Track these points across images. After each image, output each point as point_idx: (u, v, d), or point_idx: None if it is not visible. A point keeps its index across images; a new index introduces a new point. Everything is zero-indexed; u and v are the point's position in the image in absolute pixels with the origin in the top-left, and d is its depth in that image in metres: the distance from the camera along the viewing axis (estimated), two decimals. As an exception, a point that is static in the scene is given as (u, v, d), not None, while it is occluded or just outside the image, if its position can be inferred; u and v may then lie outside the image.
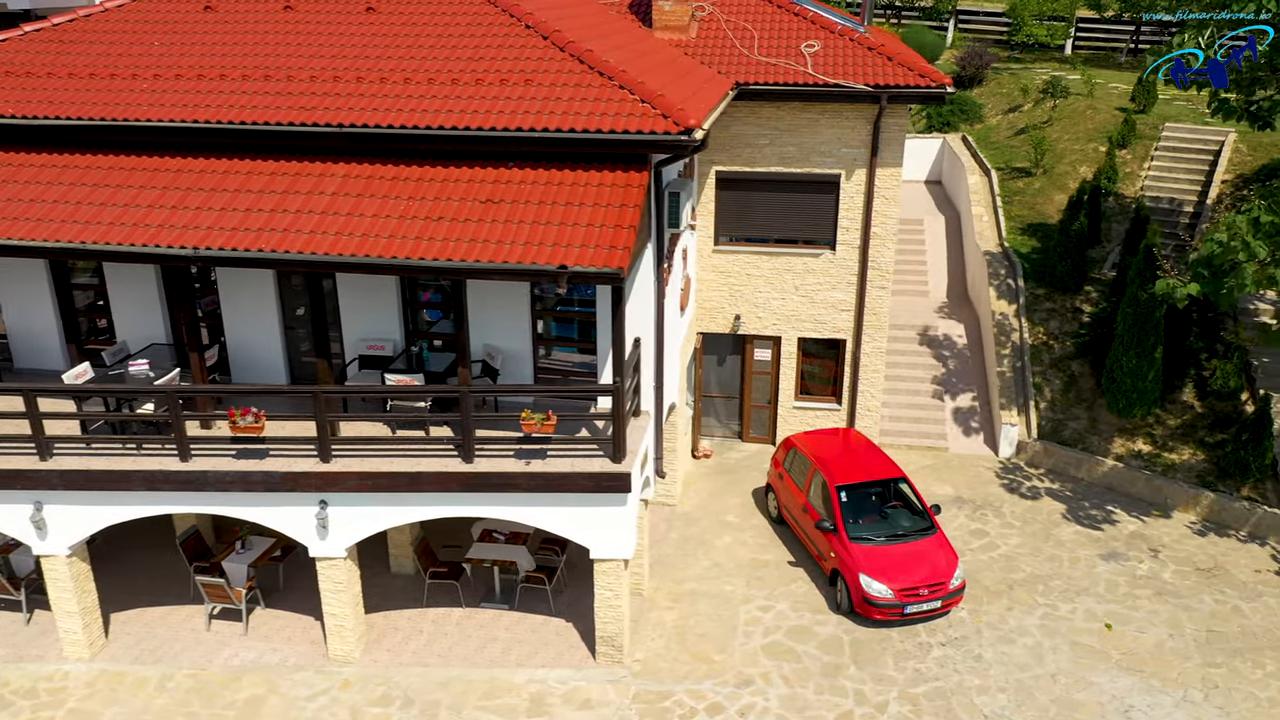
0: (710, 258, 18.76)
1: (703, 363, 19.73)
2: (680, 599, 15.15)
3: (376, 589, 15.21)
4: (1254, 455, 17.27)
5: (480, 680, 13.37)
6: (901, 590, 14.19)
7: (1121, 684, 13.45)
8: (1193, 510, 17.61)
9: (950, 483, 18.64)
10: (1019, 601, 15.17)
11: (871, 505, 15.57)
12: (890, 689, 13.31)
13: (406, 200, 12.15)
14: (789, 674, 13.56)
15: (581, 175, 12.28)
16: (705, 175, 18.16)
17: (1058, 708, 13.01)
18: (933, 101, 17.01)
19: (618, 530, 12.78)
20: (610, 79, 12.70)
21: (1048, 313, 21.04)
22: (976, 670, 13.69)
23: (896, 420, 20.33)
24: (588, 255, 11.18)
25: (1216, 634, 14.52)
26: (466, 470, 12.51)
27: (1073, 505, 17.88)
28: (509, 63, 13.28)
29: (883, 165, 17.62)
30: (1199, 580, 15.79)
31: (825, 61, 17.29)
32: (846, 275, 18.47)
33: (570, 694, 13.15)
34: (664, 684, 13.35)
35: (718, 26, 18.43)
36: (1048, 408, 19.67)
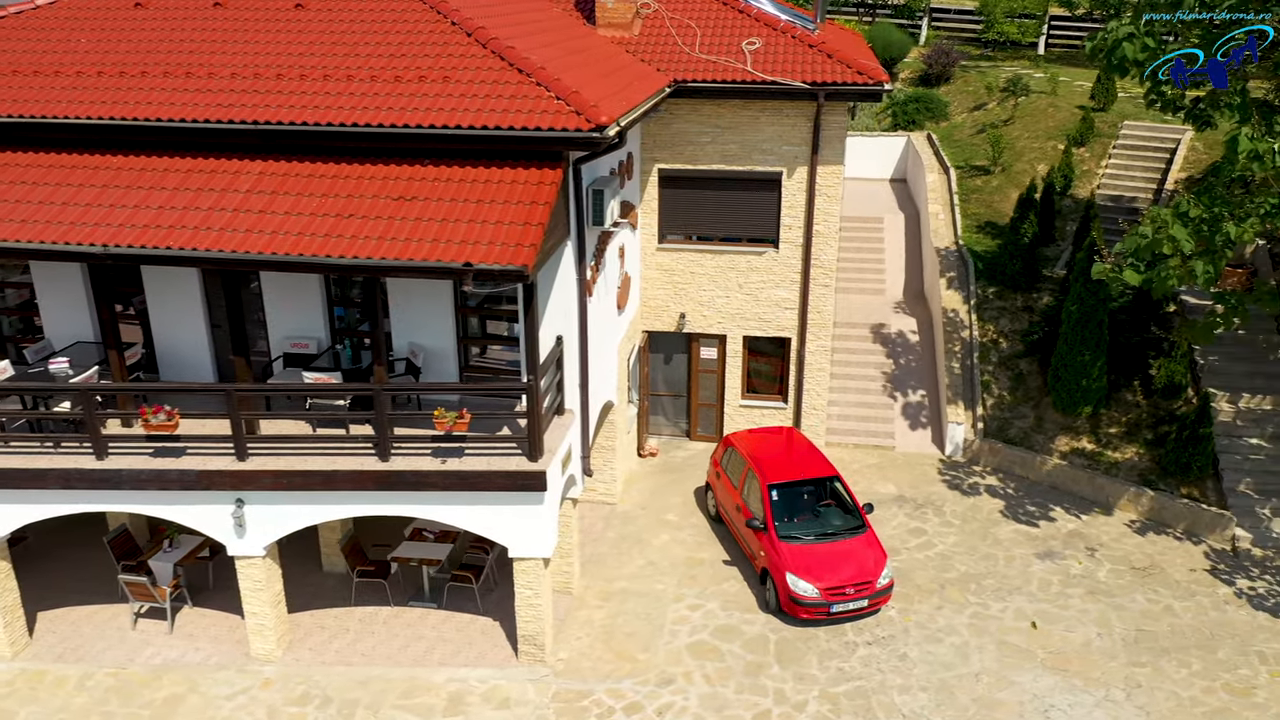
0: (654, 256, 18.72)
1: (649, 361, 19.69)
2: (610, 597, 15.12)
3: (308, 588, 15.20)
4: (1194, 454, 17.24)
5: (400, 679, 13.34)
6: (827, 589, 14.16)
7: (1044, 683, 13.42)
8: (1133, 509, 17.58)
9: (894, 481, 18.60)
10: (950, 600, 15.14)
11: (803, 504, 15.54)
12: (811, 688, 13.27)
13: (319, 198, 12.10)
14: (711, 673, 13.53)
15: (495, 173, 12.23)
16: (648, 173, 18.12)
17: (977, 707, 12.98)
18: (870, 99, 16.96)
19: (535, 529, 12.75)
20: (528, 76, 12.65)
21: (998, 311, 21.01)
22: (900, 669, 13.66)
23: (845, 419, 20.30)
24: (494, 253, 11.14)
25: (1145, 633, 14.48)
26: (382, 469, 12.48)
27: (1014, 504, 17.84)
28: (430, 60, 13.24)
29: (824, 163, 17.58)
30: (1133, 579, 15.76)
31: (766, 59, 17.24)
32: (790, 274, 18.44)
33: (489, 693, 13.12)
34: (585, 683, 13.32)
35: (662, 24, 18.37)
36: (995, 406, 19.63)
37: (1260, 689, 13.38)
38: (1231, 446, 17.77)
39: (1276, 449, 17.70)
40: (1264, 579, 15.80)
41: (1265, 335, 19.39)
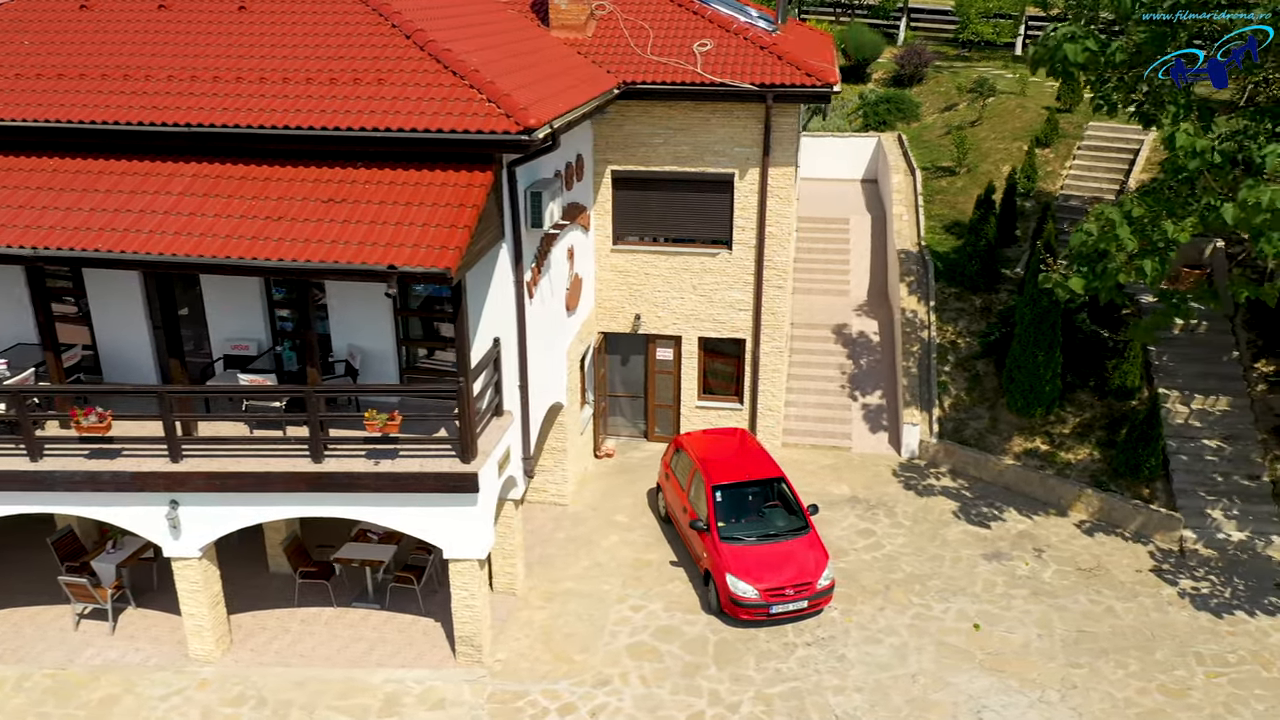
0: (609, 257, 18.75)
1: (606, 362, 19.72)
2: (554, 599, 15.14)
3: (253, 589, 15.23)
4: (1144, 455, 17.27)
5: (337, 680, 13.37)
6: (767, 590, 14.19)
7: (980, 684, 13.44)
8: (1084, 510, 17.60)
9: (848, 482, 18.63)
10: (893, 601, 15.17)
11: (748, 505, 15.56)
12: (747, 689, 13.30)
13: (250, 200, 12.14)
14: (648, 674, 13.55)
15: (426, 175, 12.26)
16: (601, 175, 18.15)
17: (911, 708, 13.01)
18: (819, 100, 16.98)
19: (469, 530, 12.79)
20: (461, 78, 12.67)
21: (957, 312, 21.03)
22: (837, 670, 13.69)
23: (803, 420, 20.32)
24: (418, 255, 11.17)
25: (1086, 634, 14.51)
26: (314, 470, 12.51)
27: (966, 505, 17.87)
28: (366, 62, 13.26)
29: (775, 164, 17.60)
30: (1078, 580, 15.78)
31: (717, 61, 17.26)
32: (744, 275, 18.47)
33: (425, 694, 13.15)
34: (521, 684, 13.35)
35: (616, 25, 18.39)
36: (952, 407, 19.66)
37: (1195, 690, 13.40)
38: (1183, 448, 17.80)
39: (1227, 450, 17.72)
40: (1208, 580, 15.82)
41: (1220, 336, 19.41)
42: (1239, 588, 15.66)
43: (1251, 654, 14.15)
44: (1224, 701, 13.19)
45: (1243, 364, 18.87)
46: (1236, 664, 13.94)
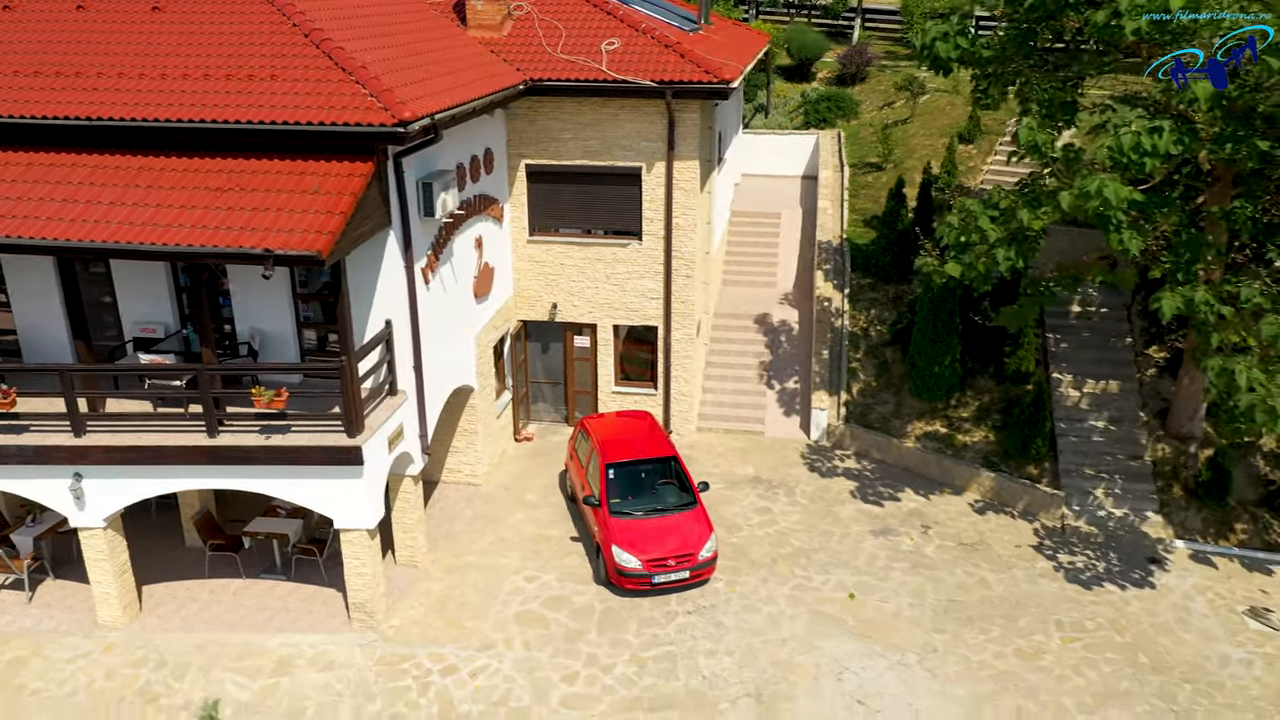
0: (525, 248, 19.50)
1: (526, 349, 20.48)
2: (454, 571, 15.89)
3: (168, 561, 16.00)
4: (1032, 436, 18.00)
5: (236, 643, 14.12)
6: (649, 561, 14.93)
7: (846, 649, 14.18)
8: (977, 490, 18.34)
9: (754, 464, 19.37)
10: (777, 574, 15.90)
11: (641, 483, 16.30)
12: (624, 653, 14.04)
13: (145, 189, 12.88)
14: (532, 639, 14.30)
15: (310, 165, 13.00)
16: (515, 169, 18.90)
17: (776, 669, 13.74)
18: (717, 96, 17.69)
19: (357, 501, 13.53)
20: (349, 74, 13.42)
21: (870, 302, 21.78)
22: (713, 636, 14.42)
23: (720, 405, 21.07)
24: (293, 240, 11.92)
25: (956, 603, 15.24)
26: (209, 444, 13.26)
27: (864, 485, 18.61)
28: (264, 59, 13.99)
29: (680, 158, 18.34)
30: (958, 554, 16.52)
31: (624, 59, 17.99)
32: (654, 264, 19.21)
33: (317, 656, 13.89)
34: (410, 647, 14.09)
35: (533, 25, 19.13)
36: (860, 392, 20.40)
37: (1049, 654, 14.13)
38: (1072, 429, 18.53)
39: (1114, 432, 18.45)
40: (1083, 554, 16.55)
41: (1116, 324, 20.14)
42: (1112, 561, 16.39)
43: (1109, 621, 14.88)
44: (1073, 665, 13.92)
45: (1135, 350, 19.60)
46: (1093, 630, 14.67)
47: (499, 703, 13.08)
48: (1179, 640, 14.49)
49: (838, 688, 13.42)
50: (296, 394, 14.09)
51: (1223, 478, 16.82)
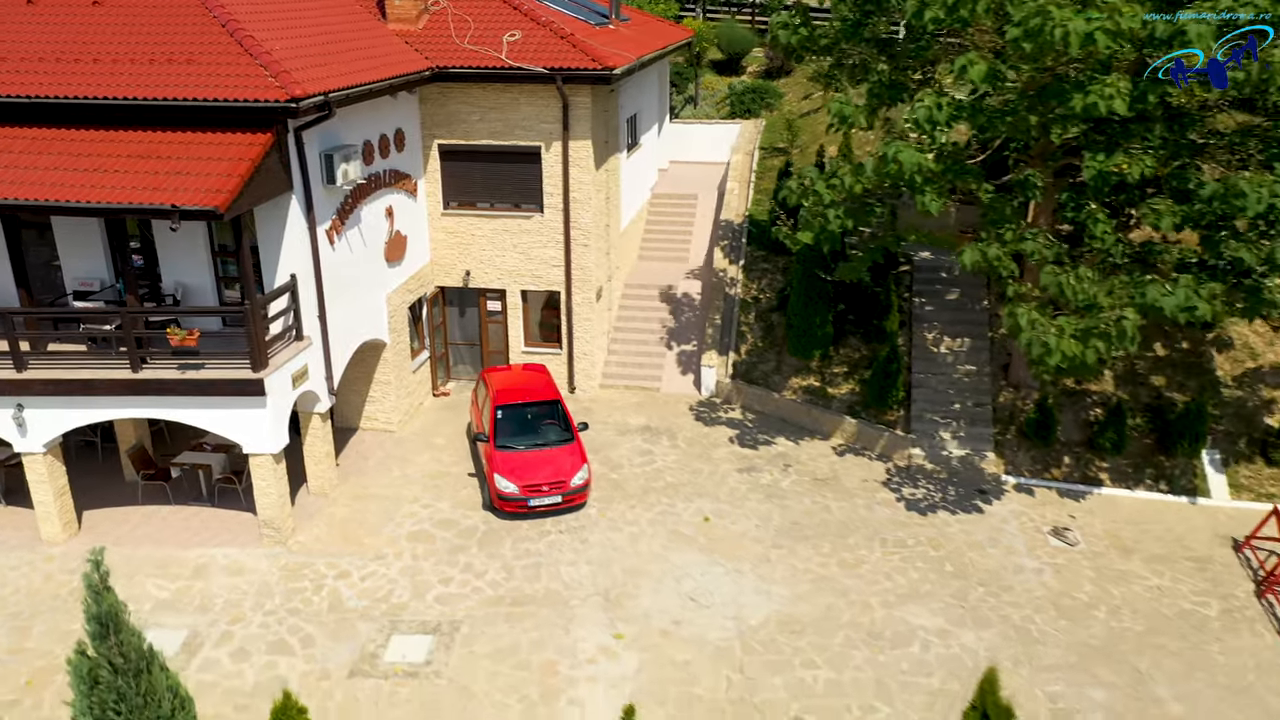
0: (440, 220, 21.60)
1: (445, 313, 22.57)
2: (359, 499, 17.98)
3: (109, 491, 18.06)
4: (888, 387, 20.07)
5: (160, 556, 16.20)
6: (525, 486, 17.01)
7: (691, 559, 16.25)
8: (841, 435, 20.41)
9: (646, 415, 21.45)
10: (645, 502, 17.97)
11: (526, 423, 18.38)
12: (496, 562, 16.13)
13: (76, 156, 14.97)
14: (419, 552, 16.38)
15: (217, 136, 15.11)
16: (429, 148, 21.00)
17: (626, 574, 15.82)
18: (601, 82, 19.75)
19: (261, 428, 15.62)
20: (255, 58, 15.51)
21: (762, 272, 23.87)
22: (577, 550, 16.51)
23: (623, 365, 23.15)
24: (196, 197, 14.00)
25: (797, 526, 17.31)
26: (132, 378, 15.35)
27: (741, 432, 20.68)
28: (183, 46, 16.08)
29: (574, 138, 20.44)
30: (810, 487, 18.59)
31: (524, 49, 20.09)
32: (555, 235, 21.30)
33: (229, 565, 15.98)
34: (311, 558, 16.18)
35: (445, 19, 21.23)
36: (748, 352, 22.48)
37: (867, 564, 16.21)
38: (926, 381, 20.62)
39: (963, 383, 20.52)
40: (922, 487, 18.62)
41: (977, 289, 22.23)
42: (947, 493, 18.46)
43: (929, 540, 16.96)
44: (886, 573, 16.00)
45: (989, 311, 21.68)
46: (913, 546, 16.75)
47: (381, 599, 15.17)
48: (985, 554, 16.57)
49: (676, 588, 15.50)
50: (215, 337, 16.17)
51: (1047, 420, 18.88)
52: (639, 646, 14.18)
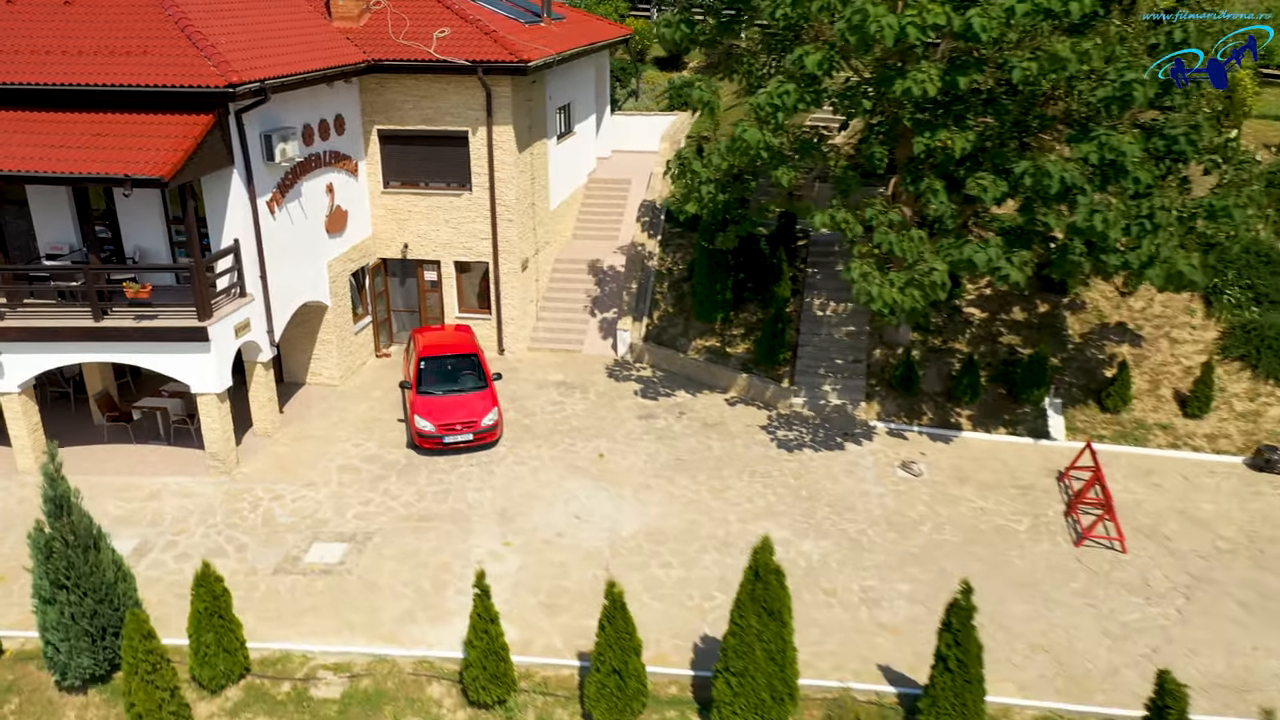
0: (381, 198, 24.04)
1: (388, 282, 25.03)
2: (298, 440, 20.42)
3: (80, 433, 20.49)
4: (776, 345, 22.52)
5: (120, 483, 18.64)
6: (441, 425, 19.46)
7: (581, 487, 18.70)
8: (735, 389, 22.85)
9: (565, 373, 23.90)
10: (550, 442, 20.41)
11: (446, 373, 20.81)
12: (411, 488, 18.58)
13: (43, 134, 17.41)
14: (345, 480, 18.83)
15: (166, 117, 17.55)
16: (369, 132, 23.45)
17: (523, 497, 18.27)
18: (518, 73, 22.16)
19: (206, 370, 18.05)
20: (200, 50, 17.96)
21: (678, 246, 26.32)
22: (483, 479, 18.95)
23: (551, 330, 25.60)
24: (144, 168, 16.44)
25: (680, 461, 19.75)
26: (94, 326, 17.79)
27: (647, 387, 23.13)
28: (140, 40, 18.51)
29: (497, 124, 22.88)
30: (699, 430, 21.03)
31: (451, 44, 22.52)
32: (483, 211, 23.75)
33: (179, 490, 18.42)
34: (250, 485, 18.63)
35: (385, 17, 23.66)
36: (660, 318, 24.94)
37: (733, 490, 18.65)
38: (810, 340, 23.07)
39: (843, 342, 22.96)
40: (796, 430, 21.06)
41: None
42: (818, 435, 20.89)
43: (792, 472, 19.40)
44: (749, 497, 18.44)
45: (873, 280, 24.10)
46: (777, 477, 19.20)
47: (307, 516, 17.63)
48: (838, 483, 19.02)
49: (564, 509, 17.95)
50: (169, 291, 18.60)
51: (911, 373, 21.33)
52: (524, 552, 16.64)
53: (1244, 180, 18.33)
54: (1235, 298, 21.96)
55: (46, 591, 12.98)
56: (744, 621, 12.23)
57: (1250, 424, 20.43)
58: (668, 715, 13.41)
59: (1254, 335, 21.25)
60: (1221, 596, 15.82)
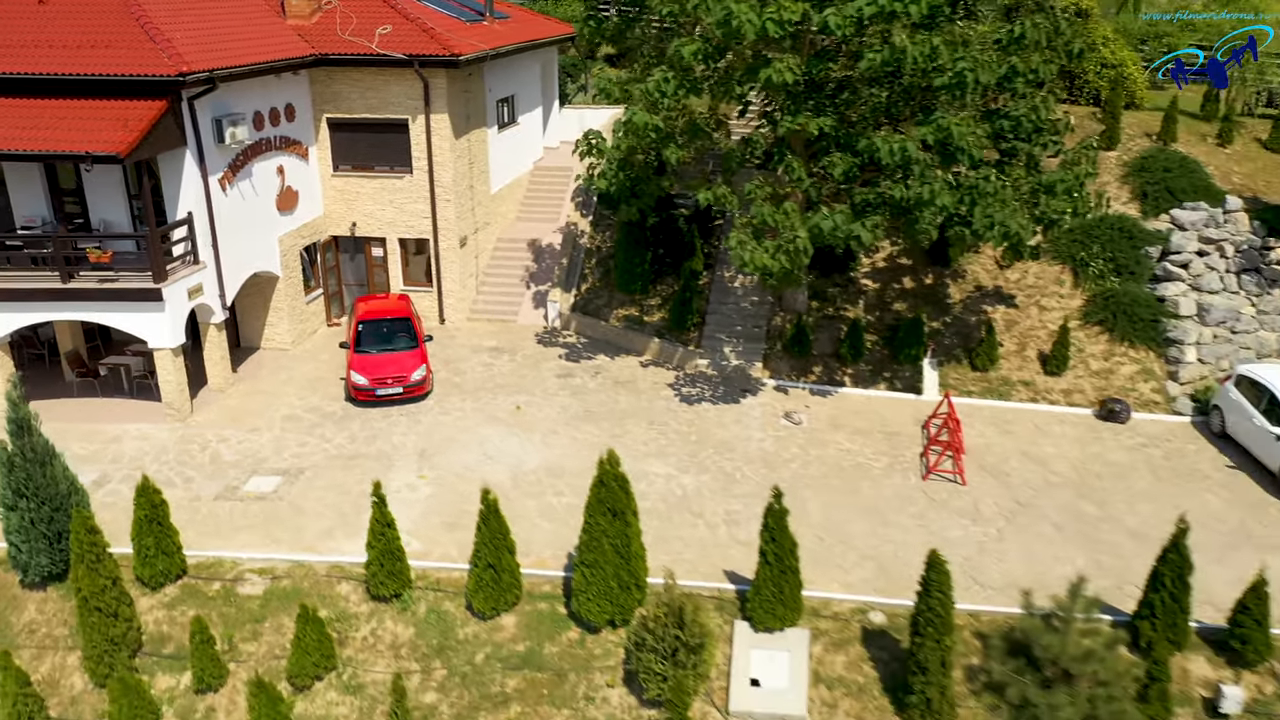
0: (331, 180, 26.38)
1: (339, 258, 27.37)
2: (248, 395, 22.76)
3: (53, 388, 22.78)
4: (686, 313, 24.86)
5: (85, 429, 20.94)
6: (374, 379, 21.81)
7: (496, 432, 21.02)
8: (649, 352, 25.18)
9: (498, 339, 26.25)
10: (475, 397, 22.75)
11: (381, 334, 23.14)
12: (344, 433, 20.91)
13: (18, 117, 19.77)
14: (287, 428, 21.16)
15: (125, 103, 19.88)
16: (320, 120, 25.79)
17: (443, 440, 20.59)
18: (450, 66, 24.51)
19: (160, 327, 20.38)
20: (155, 44, 20.30)
21: (607, 225, 28.67)
22: (409, 426, 21.28)
23: (490, 302, 27.94)
24: (103, 146, 18.79)
25: (589, 412, 22.08)
26: (62, 287, 20.13)
27: (571, 351, 25.46)
28: (105, 35, 20.81)
29: (434, 113, 25.23)
30: (610, 387, 23.36)
31: (392, 40, 24.85)
32: (423, 192, 26.09)
33: (138, 434, 20.75)
34: (202, 430, 20.96)
35: (335, 15, 25.99)
36: (587, 290, 27.29)
37: (632, 435, 20.98)
38: (718, 309, 25.42)
39: (747, 310, 25.30)
40: (699, 387, 23.38)
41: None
42: (718, 392, 23.22)
43: (687, 421, 21.73)
44: (643, 441, 20.78)
45: (778, 255, 26.41)
46: (673, 425, 21.52)
47: (249, 455, 19.97)
48: (726, 429, 21.35)
49: (478, 449, 20.29)
50: (130, 257, 20.91)
51: (803, 336, 23.66)
52: (436, 484, 18.98)
53: (1075, 161, 20.63)
54: (1099, 269, 24.30)
55: (9, 500, 15.32)
56: (593, 521, 14.58)
57: (1103, 381, 22.77)
58: (539, 606, 15.76)
59: (1111, 302, 23.59)
60: (1039, 519, 18.17)
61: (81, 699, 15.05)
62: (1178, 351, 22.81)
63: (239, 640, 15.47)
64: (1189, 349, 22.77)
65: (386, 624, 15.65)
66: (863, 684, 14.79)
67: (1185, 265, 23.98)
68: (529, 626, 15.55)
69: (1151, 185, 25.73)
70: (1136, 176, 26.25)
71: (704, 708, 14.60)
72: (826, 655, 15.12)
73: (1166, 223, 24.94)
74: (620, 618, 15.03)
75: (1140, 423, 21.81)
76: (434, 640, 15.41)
